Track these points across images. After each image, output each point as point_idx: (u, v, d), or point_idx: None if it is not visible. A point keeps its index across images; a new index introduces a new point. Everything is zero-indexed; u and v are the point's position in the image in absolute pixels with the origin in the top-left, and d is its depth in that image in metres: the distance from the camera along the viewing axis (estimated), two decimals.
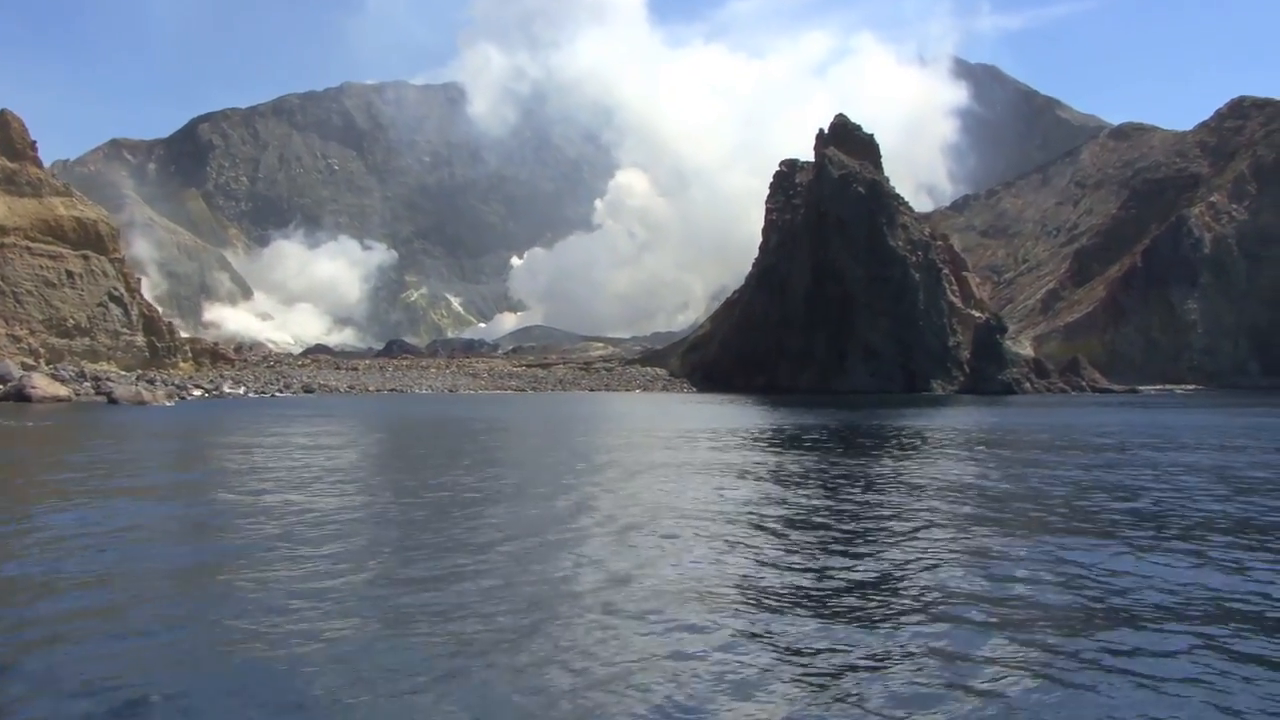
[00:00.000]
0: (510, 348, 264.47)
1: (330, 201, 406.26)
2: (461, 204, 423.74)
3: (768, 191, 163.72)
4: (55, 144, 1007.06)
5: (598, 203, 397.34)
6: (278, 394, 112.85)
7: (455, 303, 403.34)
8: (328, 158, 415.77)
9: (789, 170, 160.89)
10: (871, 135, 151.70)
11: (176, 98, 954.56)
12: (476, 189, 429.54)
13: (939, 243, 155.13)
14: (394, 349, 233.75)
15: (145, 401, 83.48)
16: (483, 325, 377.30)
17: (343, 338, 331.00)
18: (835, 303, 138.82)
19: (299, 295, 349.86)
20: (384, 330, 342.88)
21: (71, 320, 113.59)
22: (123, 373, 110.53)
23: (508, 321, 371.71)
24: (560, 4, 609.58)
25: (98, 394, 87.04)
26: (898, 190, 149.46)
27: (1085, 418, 66.30)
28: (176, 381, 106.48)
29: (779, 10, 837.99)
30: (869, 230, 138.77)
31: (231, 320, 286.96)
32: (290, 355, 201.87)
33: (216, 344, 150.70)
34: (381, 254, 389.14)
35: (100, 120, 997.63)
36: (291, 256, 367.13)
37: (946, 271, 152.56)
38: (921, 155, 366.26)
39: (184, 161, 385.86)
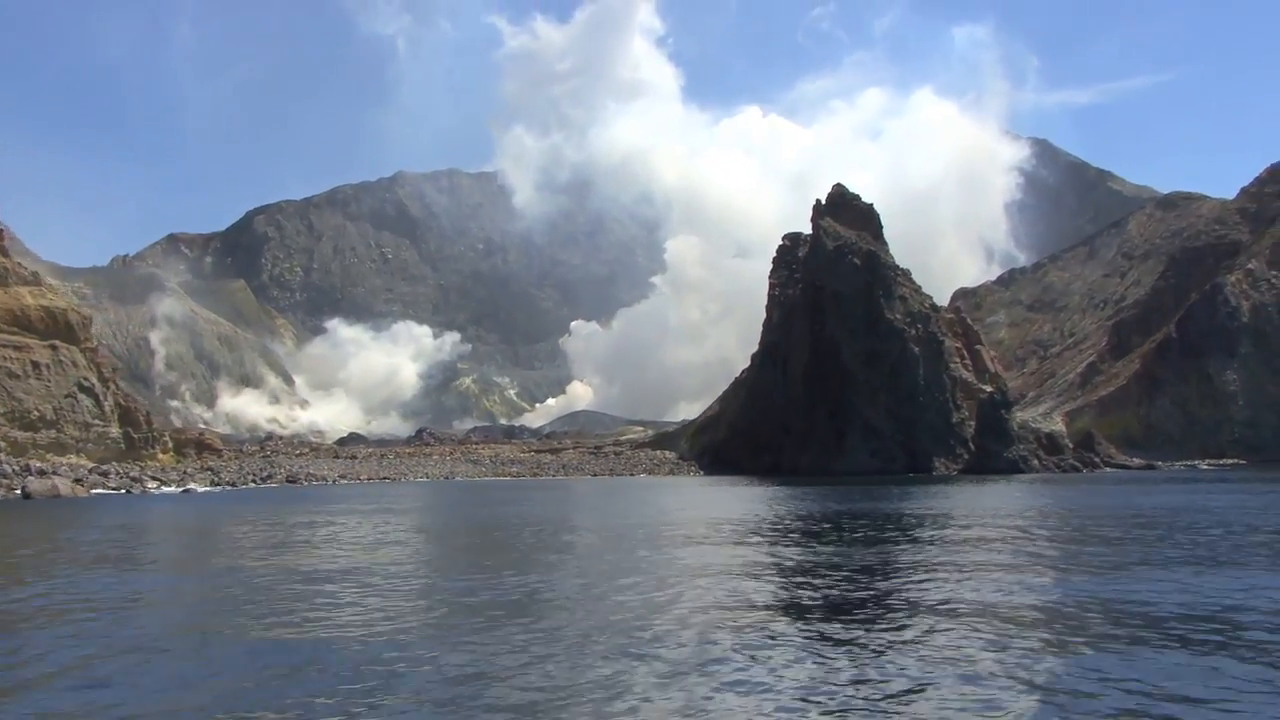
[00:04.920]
0: (548, 433, 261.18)
1: (384, 290, 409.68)
2: (515, 290, 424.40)
3: (770, 266, 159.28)
4: (117, 239, 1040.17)
5: (655, 279, 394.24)
6: (252, 484, 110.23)
7: (509, 390, 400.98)
8: (381, 247, 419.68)
9: (791, 244, 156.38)
10: (870, 205, 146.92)
11: (234, 191, 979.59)
12: (529, 275, 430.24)
13: (949, 315, 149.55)
14: (423, 437, 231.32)
15: (61, 494, 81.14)
16: (537, 409, 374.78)
17: (389, 425, 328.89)
18: (833, 380, 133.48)
19: (347, 383, 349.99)
20: (437, 417, 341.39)
21: (36, 412, 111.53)
22: (93, 465, 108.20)
23: (561, 404, 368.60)
24: (587, 84, 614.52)
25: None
26: (957, 249, 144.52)
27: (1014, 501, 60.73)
28: (133, 474, 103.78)
29: (841, 87, 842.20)
30: (866, 304, 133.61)
31: (257, 409, 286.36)
32: (319, 444, 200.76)
33: (202, 434, 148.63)
34: (439, 341, 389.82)
35: (161, 216, 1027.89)
36: (343, 345, 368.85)
37: (959, 345, 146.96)
38: (983, 213, 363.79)
39: (239, 254, 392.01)
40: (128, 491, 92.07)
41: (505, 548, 34.54)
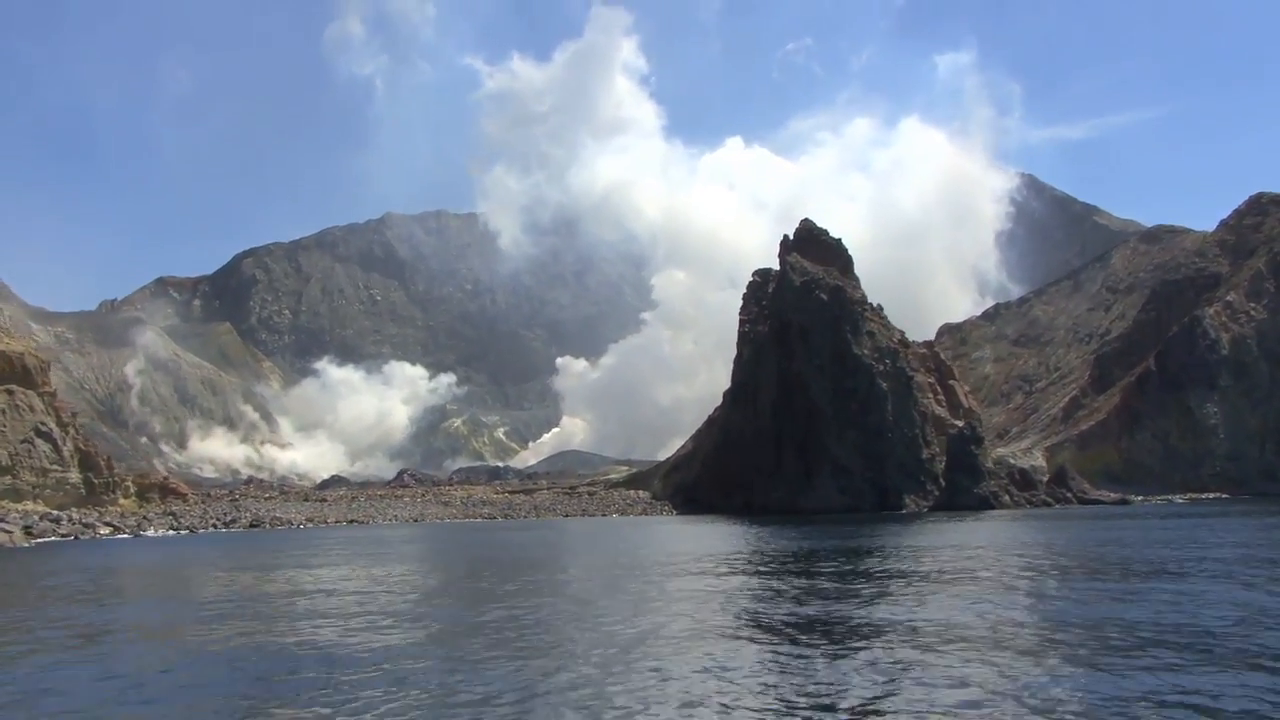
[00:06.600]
0: (529, 474, 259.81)
1: (373, 332, 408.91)
2: (504, 330, 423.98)
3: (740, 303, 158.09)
4: (105, 284, 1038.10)
5: (645, 315, 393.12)
6: (213, 529, 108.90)
7: (498, 430, 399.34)
8: (370, 289, 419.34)
9: (761, 279, 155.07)
10: (839, 240, 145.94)
11: (223, 234, 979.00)
12: (518, 315, 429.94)
13: (922, 350, 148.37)
14: (403, 479, 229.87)
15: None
16: (530, 447, 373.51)
17: (375, 467, 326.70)
18: (801, 416, 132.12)
19: (333, 426, 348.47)
20: (426, 459, 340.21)
21: None
22: (52, 512, 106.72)
23: (556, 442, 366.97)
24: (568, 122, 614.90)
25: None
26: (949, 281, 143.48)
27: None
28: (87, 520, 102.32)
29: (829, 120, 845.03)
30: (833, 339, 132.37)
31: (231, 452, 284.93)
32: (291, 488, 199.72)
33: (166, 478, 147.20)
34: (433, 383, 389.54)
35: (150, 260, 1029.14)
36: (333, 387, 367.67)
37: (932, 380, 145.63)
38: (975, 244, 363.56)
39: (227, 296, 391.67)
40: (76, 538, 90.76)
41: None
